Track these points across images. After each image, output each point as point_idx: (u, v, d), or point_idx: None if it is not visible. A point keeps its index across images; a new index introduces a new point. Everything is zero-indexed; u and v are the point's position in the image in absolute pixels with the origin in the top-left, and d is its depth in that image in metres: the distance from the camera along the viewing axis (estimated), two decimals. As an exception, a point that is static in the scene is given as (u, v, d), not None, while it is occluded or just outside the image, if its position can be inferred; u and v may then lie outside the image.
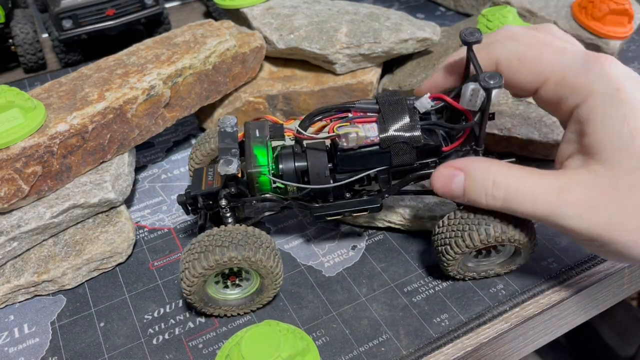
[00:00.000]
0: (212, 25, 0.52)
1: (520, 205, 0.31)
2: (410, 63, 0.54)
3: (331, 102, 0.53)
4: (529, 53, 0.32)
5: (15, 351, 0.36)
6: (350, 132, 0.33)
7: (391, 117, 0.34)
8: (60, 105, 0.42)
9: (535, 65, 0.32)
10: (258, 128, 0.37)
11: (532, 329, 0.38)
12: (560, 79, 0.31)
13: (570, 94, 0.31)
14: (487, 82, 0.30)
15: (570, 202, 0.30)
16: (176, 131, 0.55)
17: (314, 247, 0.42)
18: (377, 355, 0.34)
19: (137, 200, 0.47)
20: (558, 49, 0.32)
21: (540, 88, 0.32)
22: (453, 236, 0.34)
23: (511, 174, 0.32)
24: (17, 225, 0.38)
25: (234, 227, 0.34)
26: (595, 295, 0.40)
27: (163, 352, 0.35)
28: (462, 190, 0.33)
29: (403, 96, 0.35)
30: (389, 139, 0.33)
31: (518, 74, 0.33)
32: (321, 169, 0.35)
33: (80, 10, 0.61)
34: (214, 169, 0.38)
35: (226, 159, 0.34)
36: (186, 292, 0.34)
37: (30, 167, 0.39)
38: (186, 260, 0.34)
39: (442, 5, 0.75)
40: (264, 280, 0.35)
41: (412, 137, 0.33)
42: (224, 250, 0.33)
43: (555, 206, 0.30)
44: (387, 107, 0.34)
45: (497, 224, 0.33)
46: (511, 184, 0.31)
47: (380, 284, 0.39)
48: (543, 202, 0.30)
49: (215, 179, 0.37)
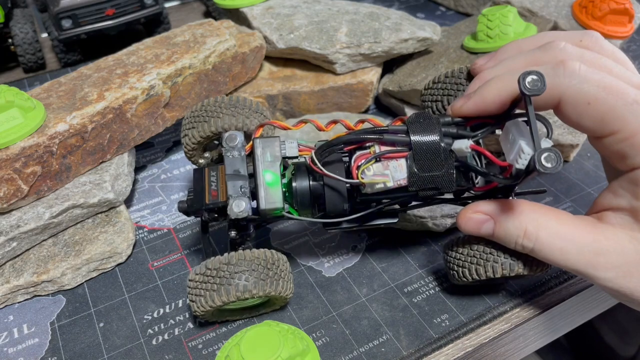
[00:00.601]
0: (212, 25, 0.52)
1: (550, 259, 0.30)
2: (411, 63, 0.54)
3: (331, 102, 0.53)
4: (600, 99, 0.28)
5: (15, 351, 0.36)
6: (377, 182, 0.30)
7: (423, 160, 0.30)
8: (60, 105, 0.42)
9: (605, 115, 0.28)
10: (269, 149, 0.33)
11: (533, 329, 0.38)
12: (629, 136, 0.28)
13: (635, 153, 0.28)
14: (543, 165, 0.26)
15: (605, 266, 0.29)
16: (176, 131, 0.55)
17: (314, 247, 0.42)
18: (377, 355, 0.34)
19: (137, 201, 0.47)
20: (632, 100, 0.28)
21: (605, 138, 0.29)
22: (474, 263, 0.33)
23: (543, 225, 0.30)
24: (16, 225, 0.38)
25: (253, 255, 0.33)
26: (596, 296, 0.40)
27: (163, 353, 0.35)
28: (491, 234, 0.32)
29: (437, 121, 0.30)
30: (418, 184, 0.30)
31: (584, 119, 0.29)
32: (339, 202, 0.32)
33: (79, 10, 0.61)
34: (216, 175, 0.35)
35: (236, 200, 0.32)
36: (197, 314, 0.33)
37: (30, 167, 0.39)
38: (202, 288, 0.32)
39: (442, 5, 0.75)
40: (274, 300, 0.35)
41: (444, 184, 0.30)
42: (246, 286, 0.31)
43: (588, 267, 0.30)
44: (419, 142, 0.30)
45: (521, 261, 0.32)
46: (542, 236, 0.30)
47: (380, 284, 0.39)
48: (575, 261, 0.30)
49: (219, 191, 0.34)
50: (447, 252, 0.35)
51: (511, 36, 0.49)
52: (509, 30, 0.49)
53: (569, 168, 0.47)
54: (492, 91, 0.30)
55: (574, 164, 0.47)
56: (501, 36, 0.50)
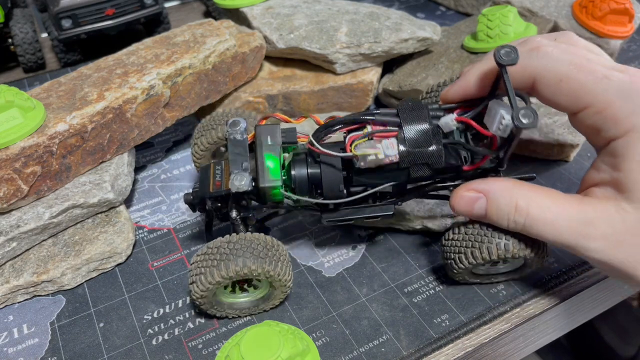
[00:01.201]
0: (212, 25, 0.52)
1: (542, 233, 0.31)
2: (411, 63, 0.54)
3: (331, 102, 0.53)
4: (572, 76, 0.30)
5: (15, 351, 0.36)
6: (369, 154, 0.31)
7: (413, 135, 0.32)
8: (60, 105, 0.42)
9: (577, 91, 0.30)
10: (270, 134, 0.35)
11: (533, 329, 0.38)
12: (601, 109, 0.30)
13: (610, 126, 0.30)
14: (521, 121, 0.28)
15: (594, 236, 0.30)
16: (176, 131, 0.55)
17: (314, 247, 0.42)
18: (377, 355, 0.34)
19: (137, 201, 0.47)
20: (602, 75, 0.30)
21: (580, 113, 0.31)
22: (470, 246, 0.34)
23: (533, 200, 0.31)
24: (16, 225, 0.38)
25: (253, 237, 0.34)
26: (596, 295, 0.40)
27: (162, 353, 0.35)
28: (484, 212, 0.33)
29: (425, 106, 0.33)
30: (409, 160, 0.32)
31: (557, 96, 0.31)
32: (335, 183, 0.34)
33: (79, 9, 0.61)
34: (221, 168, 0.36)
35: (237, 175, 0.33)
36: (197, 295, 0.34)
37: (30, 167, 0.39)
38: (203, 266, 0.33)
39: (442, 5, 0.75)
40: (274, 290, 0.35)
41: (433, 159, 0.32)
42: (245, 262, 0.32)
43: (578, 238, 0.30)
44: (408, 122, 0.32)
45: (516, 240, 0.33)
46: (533, 211, 0.31)
47: (380, 285, 0.39)
48: (565, 233, 0.30)
49: (223, 179, 0.36)
50: (443, 242, 0.36)
51: (511, 36, 0.49)
52: (509, 30, 0.49)
53: (569, 168, 0.47)
54: (474, 72, 0.33)
55: (574, 164, 0.47)
56: (501, 36, 0.50)
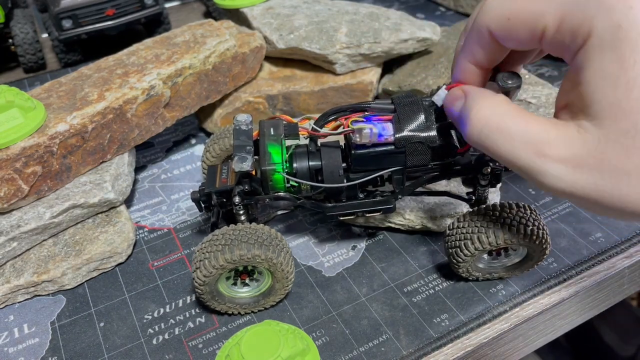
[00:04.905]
0: (212, 25, 0.52)
1: (496, 145, 0.28)
2: (410, 63, 0.54)
3: (331, 102, 0.53)
4: (518, 4, 0.27)
5: (15, 351, 0.36)
6: (365, 128, 0.33)
7: (407, 117, 0.33)
8: (60, 105, 0.42)
9: (528, 16, 0.26)
10: (273, 127, 0.37)
11: (532, 329, 0.38)
12: (558, 24, 0.26)
13: (570, 39, 0.25)
14: (505, 82, 0.30)
15: (551, 158, 0.26)
16: (176, 131, 0.55)
17: (314, 247, 0.42)
18: (377, 355, 0.34)
19: (137, 200, 0.47)
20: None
21: (544, 39, 0.27)
22: (464, 239, 0.35)
23: (497, 110, 0.28)
24: (16, 225, 0.38)
25: (258, 226, 0.35)
26: (595, 295, 0.40)
27: (163, 352, 0.35)
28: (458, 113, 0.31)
29: (419, 97, 0.35)
30: (404, 138, 0.33)
31: (515, 35, 0.27)
32: (335, 168, 0.35)
33: (80, 10, 0.61)
34: (227, 167, 0.38)
35: (241, 156, 0.34)
36: (199, 282, 0.34)
37: (30, 167, 0.39)
38: (207, 251, 0.34)
39: (442, 5, 0.75)
40: (275, 284, 0.35)
41: (427, 137, 0.33)
42: (250, 247, 0.33)
43: (533, 158, 0.27)
44: (402, 107, 0.34)
45: (522, 226, 0.33)
46: (492, 120, 0.28)
47: (380, 284, 0.39)
48: (521, 151, 0.27)
49: (229, 177, 0.37)
50: (447, 232, 0.37)
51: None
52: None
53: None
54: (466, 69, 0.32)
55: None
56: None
